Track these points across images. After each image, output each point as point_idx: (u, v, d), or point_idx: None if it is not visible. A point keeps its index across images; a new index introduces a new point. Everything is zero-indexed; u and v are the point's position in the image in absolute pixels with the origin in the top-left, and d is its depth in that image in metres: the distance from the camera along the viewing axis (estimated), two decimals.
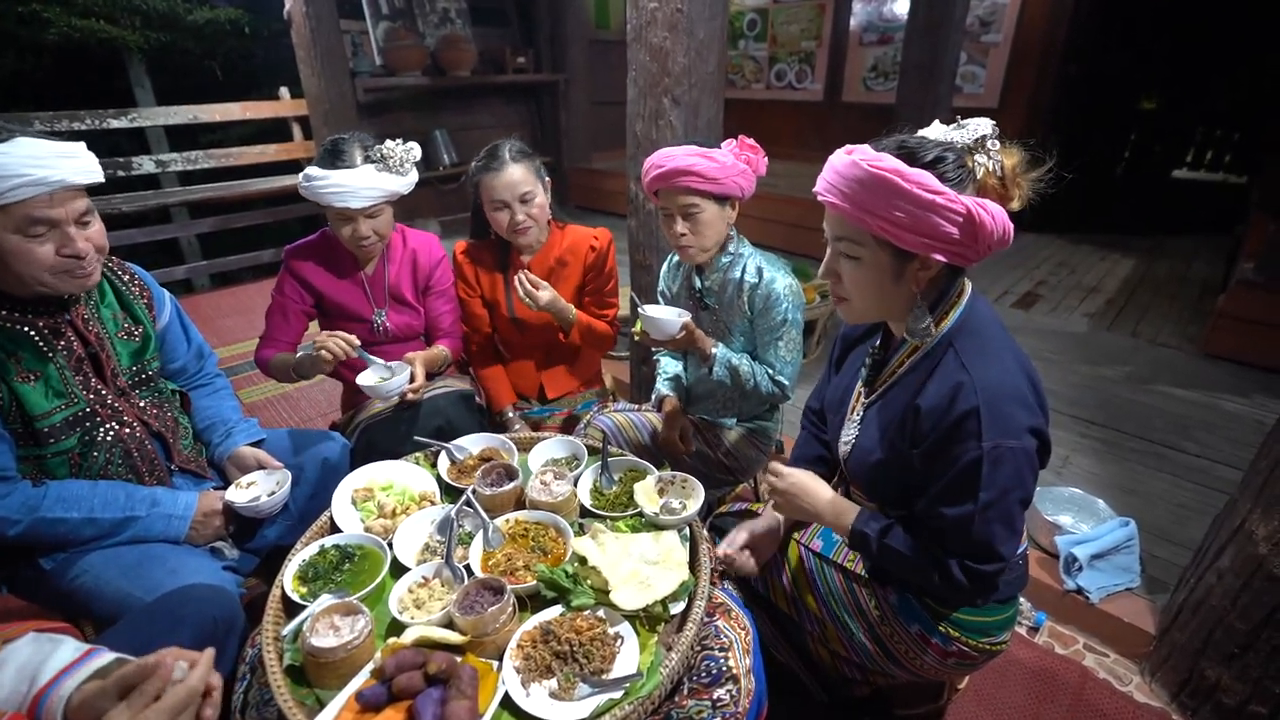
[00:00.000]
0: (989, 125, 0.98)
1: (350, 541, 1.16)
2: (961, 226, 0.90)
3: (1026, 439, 0.96)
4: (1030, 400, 0.98)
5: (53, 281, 1.06)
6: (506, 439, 1.45)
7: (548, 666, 0.95)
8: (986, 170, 0.96)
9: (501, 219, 1.68)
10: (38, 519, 1.08)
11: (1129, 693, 1.48)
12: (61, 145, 1.00)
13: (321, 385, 2.88)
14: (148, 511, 1.18)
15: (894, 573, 1.09)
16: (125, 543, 1.17)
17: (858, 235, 0.98)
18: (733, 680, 1.01)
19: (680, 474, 1.30)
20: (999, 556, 0.98)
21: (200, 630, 0.98)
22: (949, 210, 0.89)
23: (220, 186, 4.13)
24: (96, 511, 1.13)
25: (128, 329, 1.27)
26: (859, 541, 1.08)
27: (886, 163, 0.90)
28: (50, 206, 0.99)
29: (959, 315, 1.02)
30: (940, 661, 1.13)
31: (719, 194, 1.50)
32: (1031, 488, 1.00)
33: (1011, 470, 0.95)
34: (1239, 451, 2.28)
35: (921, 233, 0.91)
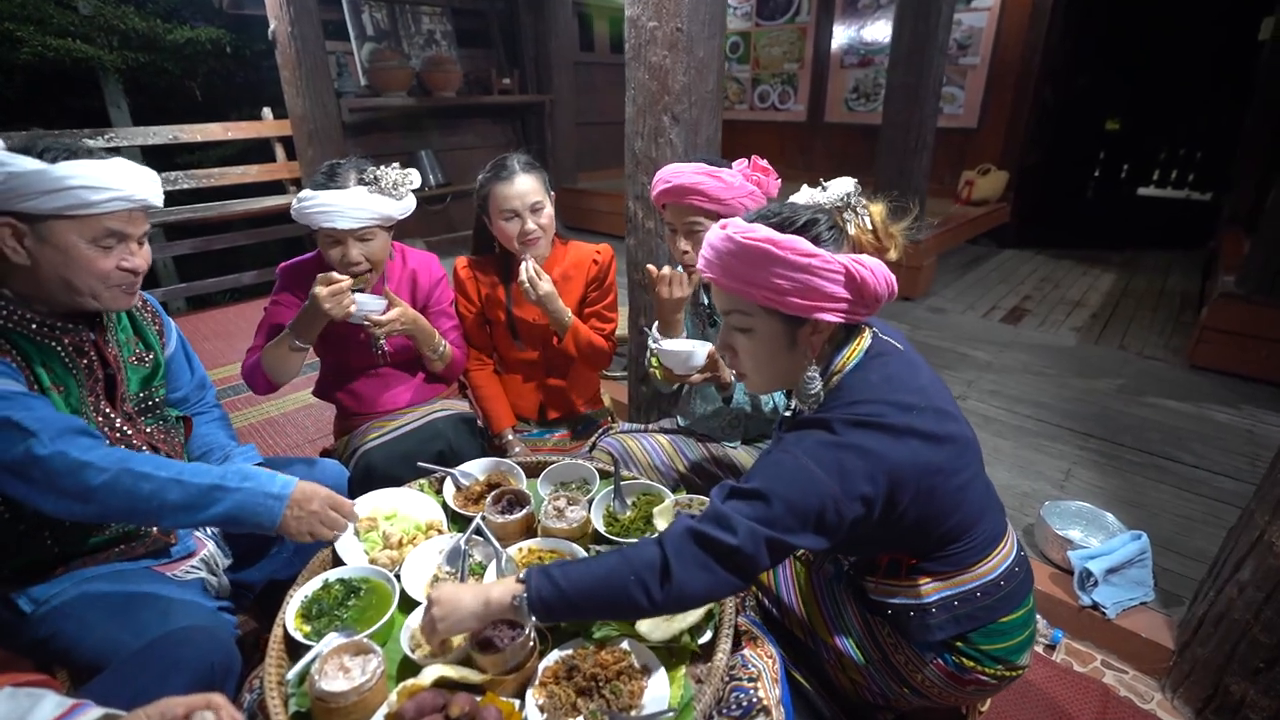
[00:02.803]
0: (851, 184, 1.01)
1: (355, 575, 1.09)
2: (844, 284, 0.92)
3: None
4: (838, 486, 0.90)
5: (105, 294, 1.06)
6: (514, 464, 1.40)
7: (573, 704, 0.90)
8: (859, 227, 0.98)
9: (511, 229, 1.65)
10: (126, 470, 0.98)
11: (1151, 710, 1.46)
12: (147, 169, 1.07)
13: (310, 410, 2.79)
14: (239, 484, 1.04)
15: (592, 604, 0.90)
16: (218, 520, 1.03)
17: (745, 306, 0.99)
18: (764, 712, 0.97)
19: (697, 496, 1.26)
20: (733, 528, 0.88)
21: (197, 676, 0.91)
22: (826, 271, 0.91)
23: (202, 208, 4.04)
24: (185, 475, 1.01)
25: (139, 355, 1.23)
26: (542, 604, 0.88)
27: (759, 233, 0.93)
28: (128, 223, 1.06)
29: (849, 370, 1.00)
30: (958, 689, 1.10)
31: (724, 214, 1.49)
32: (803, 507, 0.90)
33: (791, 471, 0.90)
34: (1234, 461, 2.30)
35: (804, 296, 0.92)
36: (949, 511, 1.00)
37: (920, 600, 1.06)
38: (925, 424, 0.93)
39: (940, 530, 1.02)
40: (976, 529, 1.05)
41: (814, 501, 0.88)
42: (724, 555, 0.87)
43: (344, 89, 4.64)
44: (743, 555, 0.86)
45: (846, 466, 0.89)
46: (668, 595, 0.86)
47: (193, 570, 1.23)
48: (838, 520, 0.89)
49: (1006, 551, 1.10)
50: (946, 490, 0.98)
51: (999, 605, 1.07)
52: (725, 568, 0.88)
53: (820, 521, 0.89)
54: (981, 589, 1.06)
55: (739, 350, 1.04)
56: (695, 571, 0.86)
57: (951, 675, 1.08)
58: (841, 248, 0.96)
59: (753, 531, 0.86)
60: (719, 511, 0.89)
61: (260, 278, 4.26)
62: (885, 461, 0.90)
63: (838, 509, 0.89)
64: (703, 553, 0.87)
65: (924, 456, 0.93)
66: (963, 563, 1.05)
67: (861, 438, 0.91)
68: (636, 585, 0.86)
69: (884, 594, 1.10)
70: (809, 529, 0.89)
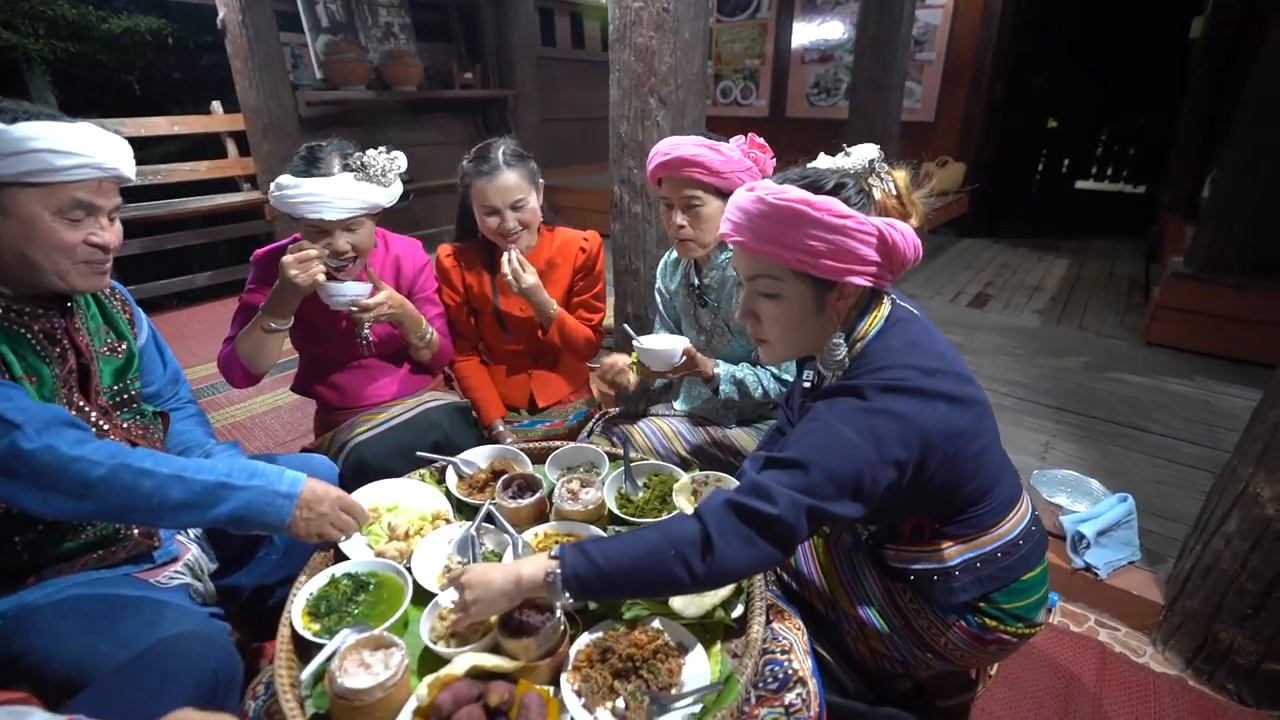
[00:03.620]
0: (874, 149, 1.01)
1: (364, 569, 1.03)
2: (876, 248, 0.91)
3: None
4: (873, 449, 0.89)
5: (71, 271, 0.98)
6: (517, 450, 1.35)
7: (610, 686, 0.86)
8: (884, 192, 0.98)
9: (491, 224, 1.59)
10: (123, 464, 0.90)
11: (1145, 664, 1.51)
12: (118, 138, 0.99)
13: (287, 409, 2.65)
14: (246, 482, 0.96)
15: (630, 581, 0.86)
16: (223, 522, 0.96)
17: (774, 270, 0.98)
18: (800, 683, 0.95)
19: (714, 473, 1.24)
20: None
21: (197, 686, 0.83)
22: (861, 233, 0.90)
23: (149, 206, 3.81)
24: (188, 472, 0.94)
25: (111, 345, 1.13)
26: (578, 582, 0.84)
27: (793, 193, 0.91)
28: (97, 193, 0.97)
29: (872, 337, 1.00)
30: (980, 650, 1.11)
31: (722, 188, 1.47)
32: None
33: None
34: (1196, 429, 2.43)
35: (838, 258, 0.92)
36: (972, 474, 1.01)
37: (943, 564, 1.07)
38: (949, 387, 0.94)
39: (964, 493, 1.02)
40: (996, 490, 1.06)
41: (851, 468, 0.87)
42: (765, 526, 0.85)
43: (300, 82, 4.46)
44: (784, 526, 0.84)
45: (880, 432, 0.88)
46: (709, 570, 0.83)
47: (177, 576, 1.14)
48: (874, 486, 0.88)
49: (1023, 512, 1.11)
50: (970, 453, 0.98)
51: (1019, 564, 1.08)
52: (766, 539, 0.85)
53: (858, 488, 0.87)
54: (1002, 549, 1.07)
55: (763, 317, 1.02)
56: (737, 544, 0.84)
57: (974, 636, 1.09)
58: (869, 213, 0.96)
59: (793, 501, 0.84)
60: (757, 482, 0.87)
61: (214, 279, 4.04)
62: (916, 425, 0.89)
63: (874, 474, 0.88)
64: (743, 525, 0.84)
65: (950, 419, 0.93)
66: (983, 524, 1.06)
67: (892, 402, 0.90)
68: (677, 560, 0.83)
69: (906, 560, 1.10)
70: (846, 496, 0.87)
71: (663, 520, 0.89)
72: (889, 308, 1.02)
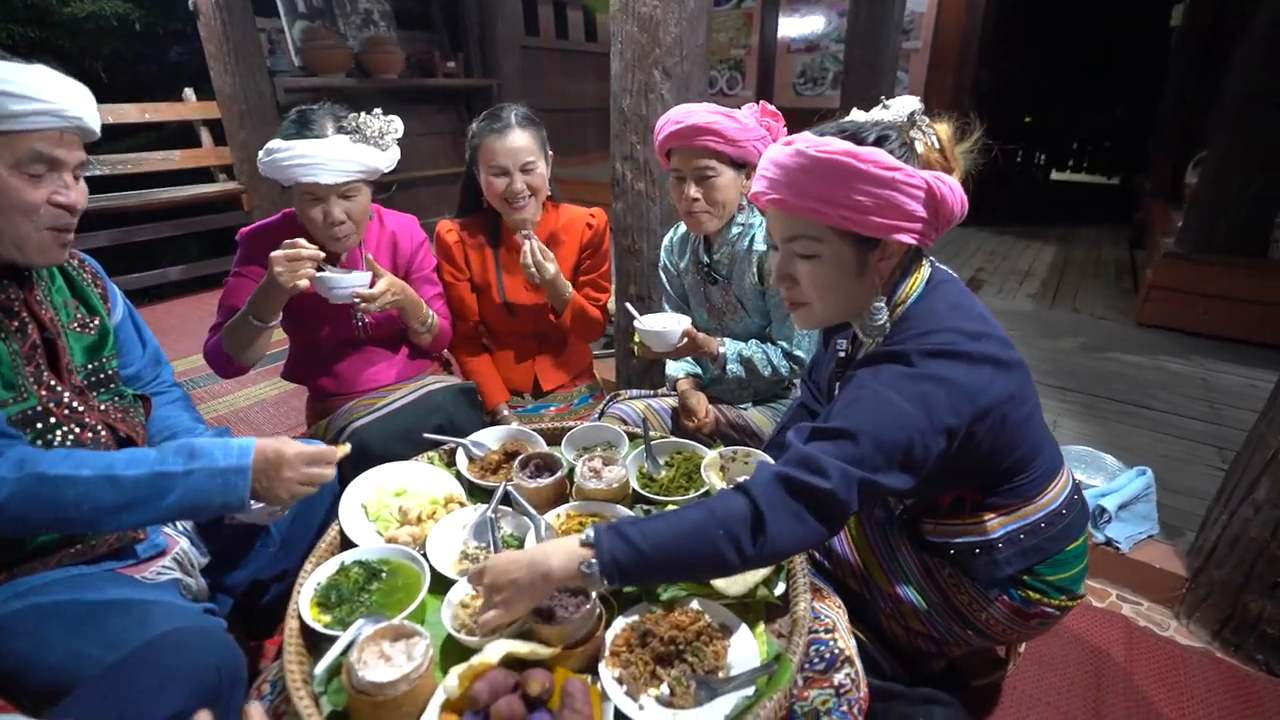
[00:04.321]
0: (915, 101, 0.95)
1: (374, 556, 0.95)
2: (924, 202, 0.86)
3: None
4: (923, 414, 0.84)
5: (32, 239, 0.88)
6: (530, 430, 1.28)
7: (652, 673, 0.80)
8: (926, 145, 0.92)
9: (498, 185, 1.51)
10: (35, 475, 0.80)
11: (1171, 637, 1.49)
12: (79, 85, 0.89)
13: (278, 399, 2.54)
14: (186, 466, 0.85)
15: (673, 564, 0.79)
16: (176, 515, 0.86)
17: (814, 230, 0.92)
18: (848, 662, 0.90)
19: (741, 449, 1.18)
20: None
21: (201, 685, 0.75)
22: (909, 185, 0.85)
23: (119, 196, 3.64)
24: (118, 468, 0.83)
25: (81, 320, 1.04)
26: (617, 568, 0.76)
27: (835, 145, 0.86)
28: (59, 145, 0.88)
29: (914, 301, 0.95)
30: (1023, 625, 1.07)
31: (737, 158, 1.42)
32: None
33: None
34: (1196, 406, 2.43)
35: (885, 214, 0.86)
36: (1018, 441, 0.96)
37: (986, 537, 1.02)
38: (995, 351, 0.89)
39: (1008, 462, 0.98)
40: (1039, 459, 1.02)
41: (902, 436, 0.81)
42: (816, 502, 0.78)
43: (277, 68, 4.31)
44: (836, 501, 0.78)
45: (930, 398, 0.83)
46: (760, 549, 0.77)
47: (165, 571, 1.05)
48: (924, 456, 0.83)
49: (1065, 480, 1.07)
50: (1016, 419, 0.94)
51: (1063, 535, 1.04)
52: (816, 516, 0.79)
53: (908, 458, 0.82)
54: (1045, 519, 1.03)
55: (801, 279, 0.96)
56: (788, 522, 0.78)
57: (1017, 610, 1.05)
58: (914, 165, 0.90)
59: (845, 473, 0.78)
60: (806, 454, 0.80)
61: (188, 273, 3.88)
62: (966, 391, 0.84)
63: (925, 443, 0.82)
64: (794, 500, 0.78)
65: (999, 384, 0.88)
66: (1026, 494, 1.02)
67: (940, 367, 0.85)
68: (726, 540, 0.76)
69: (945, 534, 1.05)
70: (896, 466, 0.82)
71: (705, 498, 0.82)
72: (929, 269, 0.97)
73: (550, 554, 0.78)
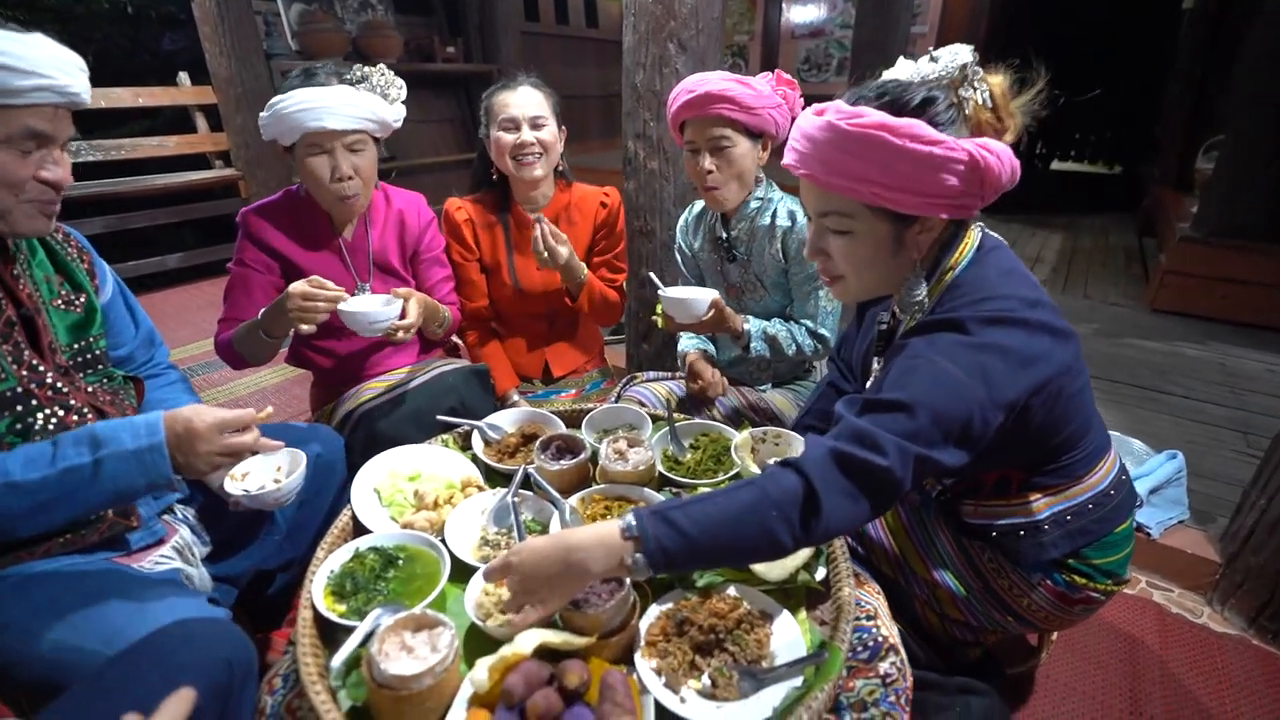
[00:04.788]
0: (967, 51, 0.87)
1: (390, 542, 0.90)
2: (965, 175, 0.79)
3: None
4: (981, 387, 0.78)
5: (15, 210, 0.84)
6: (548, 413, 1.23)
7: (690, 663, 0.75)
8: (976, 104, 0.85)
9: (507, 141, 1.46)
10: None
11: (1204, 624, 1.45)
12: (74, 55, 0.85)
13: (277, 388, 2.48)
14: (93, 456, 0.79)
15: (723, 549, 0.73)
16: (100, 507, 0.83)
17: (846, 207, 0.86)
18: (893, 650, 0.85)
19: (771, 429, 1.13)
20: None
21: (210, 679, 0.70)
22: (950, 159, 0.78)
23: (112, 182, 3.56)
24: (16, 473, 0.78)
25: (66, 297, 0.98)
26: (664, 557, 0.70)
27: (870, 118, 0.78)
28: (52, 121, 0.84)
29: (963, 268, 0.89)
30: (1066, 611, 1.03)
31: (753, 128, 1.36)
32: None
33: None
34: (1217, 391, 2.39)
35: (922, 191, 0.80)
36: (1070, 416, 0.91)
37: (1032, 518, 0.97)
38: (1051, 319, 0.84)
39: (1059, 438, 0.93)
40: (1088, 436, 0.97)
41: (960, 409, 0.75)
42: (871, 480, 0.73)
43: (273, 51, 4.22)
44: (892, 479, 0.73)
45: (989, 369, 0.77)
46: (813, 531, 0.72)
47: (164, 560, 0.99)
48: (983, 430, 0.77)
49: (1113, 460, 1.03)
50: (1071, 392, 0.89)
51: (1111, 516, 1.00)
52: (869, 495, 0.74)
53: (965, 432, 0.76)
54: (1093, 500, 0.98)
55: (834, 254, 0.91)
56: (842, 501, 0.72)
57: (1061, 596, 1.00)
58: (960, 129, 0.84)
59: (901, 450, 0.73)
60: (860, 429, 0.74)
61: (186, 260, 3.80)
62: (1024, 361, 0.79)
63: (984, 417, 0.77)
64: (847, 479, 0.72)
65: (1056, 354, 0.83)
66: (1074, 473, 0.97)
67: (999, 336, 0.79)
68: (780, 522, 0.70)
69: (987, 516, 1.01)
70: (954, 442, 0.76)
71: (742, 479, 0.76)
72: (979, 235, 0.91)
73: (587, 546, 0.71)
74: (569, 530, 0.71)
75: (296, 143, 1.29)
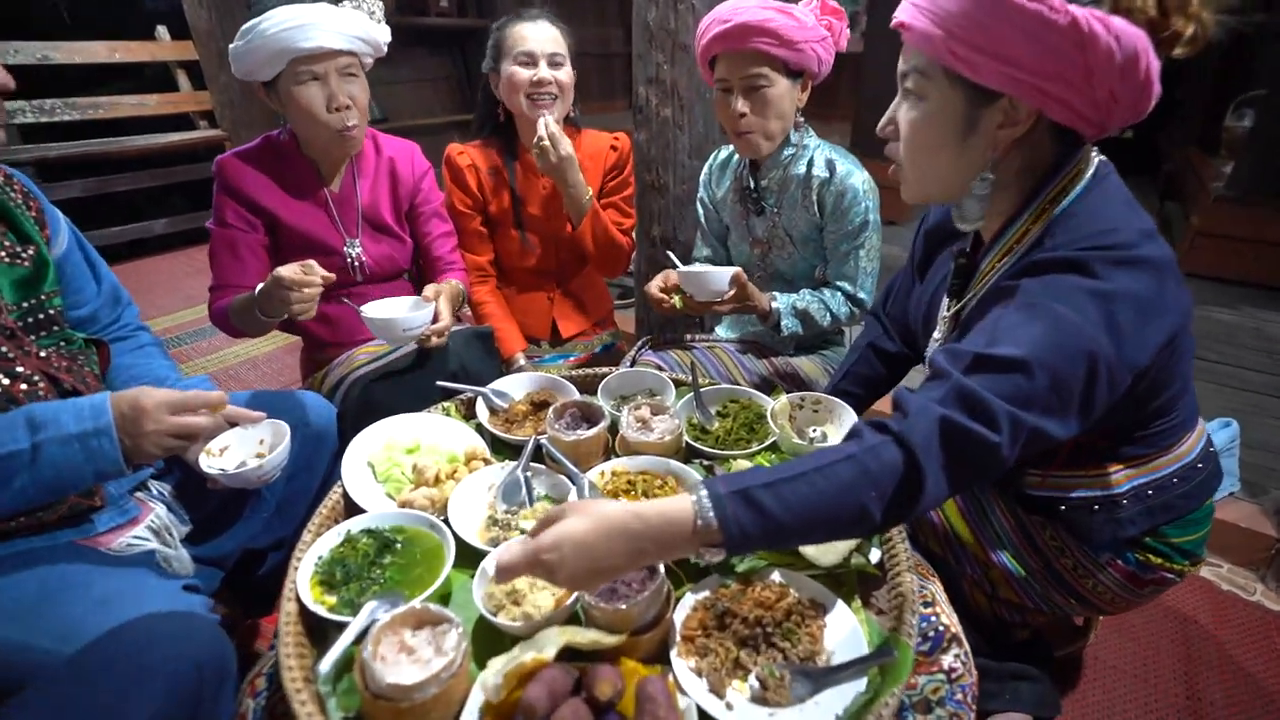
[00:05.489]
0: None
1: (386, 523, 0.79)
2: (1062, 49, 0.63)
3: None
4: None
5: None
6: (559, 378, 1.11)
7: (735, 661, 0.65)
8: None
9: (522, 77, 1.33)
10: None
11: (1258, 601, 1.36)
12: None
13: (270, 356, 2.36)
14: (30, 440, 0.70)
15: (810, 530, 0.61)
16: (37, 500, 0.73)
17: (924, 64, 0.72)
18: (956, 641, 0.75)
19: (809, 394, 1.02)
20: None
21: (177, 686, 0.60)
22: (1046, 20, 0.62)
23: (89, 143, 3.38)
24: None
25: (11, 249, 0.86)
26: (744, 539, 0.58)
27: None
28: None
29: (1074, 197, 0.74)
30: (1134, 593, 0.93)
31: (793, 65, 1.22)
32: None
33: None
34: (1254, 357, 2.28)
35: (1002, 56, 0.65)
36: (1175, 376, 0.79)
37: (1109, 491, 0.87)
38: (1171, 256, 0.70)
39: (1157, 402, 0.81)
40: (1184, 400, 0.85)
41: (1082, 369, 0.63)
42: (974, 459, 0.61)
43: None
44: (997, 460, 0.61)
45: (1121, 322, 0.64)
46: (904, 513, 0.60)
47: (137, 542, 0.89)
48: (1108, 397, 0.65)
49: (1200, 429, 0.92)
50: (1185, 347, 0.77)
51: (1196, 492, 0.89)
52: (968, 474, 0.62)
53: (1088, 398, 0.64)
54: (1179, 474, 0.87)
55: (901, 125, 0.78)
56: (940, 479, 0.60)
57: (1132, 577, 0.90)
58: (1101, 4, 0.65)
59: (1014, 422, 0.61)
60: (969, 391, 0.61)
61: (171, 226, 3.64)
62: (1157, 311, 0.66)
63: (1111, 380, 0.64)
64: (945, 452, 0.60)
65: (1183, 302, 0.70)
66: (1162, 443, 0.86)
67: (1129, 281, 0.65)
68: (876, 501, 0.59)
69: (1055, 488, 0.90)
70: (1072, 411, 0.64)
71: (845, 445, 0.61)
72: (1096, 162, 0.76)
73: (652, 535, 0.57)
74: (612, 512, 0.57)
75: (282, 73, 1.15)
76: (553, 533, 0.57)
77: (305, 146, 1.28)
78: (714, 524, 0.56)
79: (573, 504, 0.60)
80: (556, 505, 0.63)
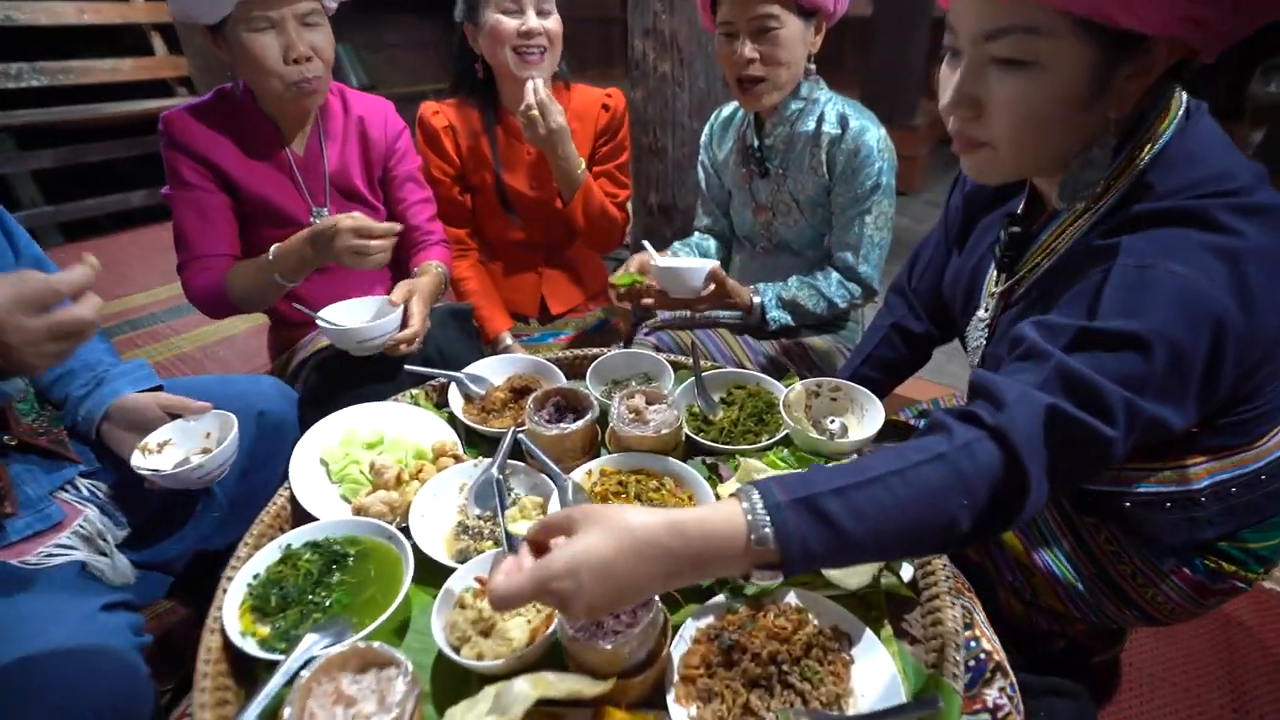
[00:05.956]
0: None
1: (335, 534, 0.68)
2: None
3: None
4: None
5: None
6: (543, 360, 0.99)
7: (745, 706, 0.54)
8: None
9: (508, 27, 1.18)
10: None
11: None
12: None
13: (247, 334, 2.24)
14: None
15: (888, 547, 0.52)
16: None
17: (1038, 22, 0.56)
18: (1001, 672, 0.64)
19: (826, 380, 0.89)
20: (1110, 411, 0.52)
21: None
22: None
23: (61, 111, 3.21)
24: None
25: None
26: (805, 558, 0.47)
27: None
28: None
29: (1169, 137, 0.61)
30: (1199, 603, 0.82)
31: (805, 3, 1.07)
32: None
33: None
34: None
35: None
36: (1275, 354, 0.67)
37: (1186, 486, 0.74)
38: None
39: (1252, 382, 0.68)
40: (1275, 384, 0.73)
41: (1206, 342, 0.52)
42: (1086, 457, 0.51)
43: None
44: (1109, 456, 0.51)
45: (1250, 283, 0.53)
46: (999, 524, 0.50)
47: (60, 551, 0.78)
48: (1234, 373, 0.55)
49: None
50: None
51: None
52: (1074, 476, 0.52)
53: (1211, 378, 0.54)
54: (1266, 470, 0.75)
55: (994, 104, 0.61)
56: (1044, 483, 0.49)
57: (1199, 586, 0.79)
58: None
59: (1130, 411, 0.50)
60: (1079, 376, 0.50)
61: (151, 198, 3.49)
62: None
63: (1239, 356, 0.54)
64: (1051, 452, 0.49)
65: None
66: (1250, 433, 0.73)
67: (1258, 234, 0.54)
68: (968, 510, 0.48)
69: (1121, 481, 0.77)
70: (1191, 394, 0.54)
71: (932, 442, 0.50)
72: (1185, 100, 0.63)
73: (694, 556, 0.46)
74: (641, 527, 0.45)
75: (230, 16, 1.00)
76: (567, 554, 0.45)
77: (261, 102, 1.14)
78: (771, 541, 0.45)
79: (586, 513, 0.47)
80: (562, 510, 0.50)
